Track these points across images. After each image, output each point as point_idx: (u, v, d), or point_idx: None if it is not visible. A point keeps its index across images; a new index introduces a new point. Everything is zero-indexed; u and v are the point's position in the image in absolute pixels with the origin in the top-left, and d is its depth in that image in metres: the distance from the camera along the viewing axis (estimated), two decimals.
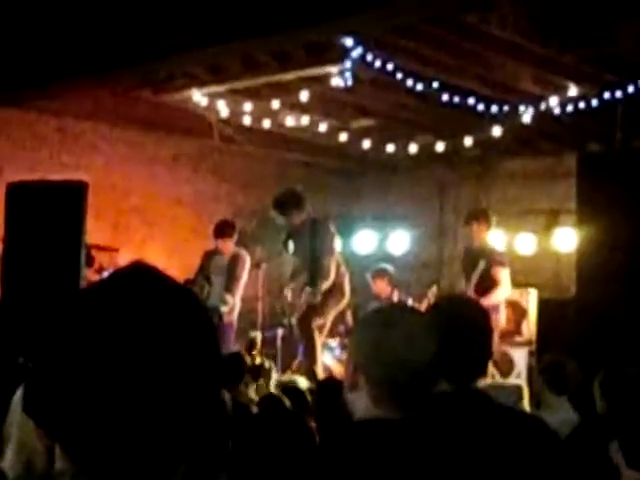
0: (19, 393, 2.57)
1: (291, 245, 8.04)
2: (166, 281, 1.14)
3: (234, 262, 8.48)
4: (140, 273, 1.14)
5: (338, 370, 8.61)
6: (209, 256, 8.63)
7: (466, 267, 8.23)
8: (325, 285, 7.58)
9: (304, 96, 8.52)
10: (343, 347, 9.39)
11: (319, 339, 7.79)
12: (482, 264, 8.01)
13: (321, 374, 7.46)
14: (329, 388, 5.15)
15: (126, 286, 1.12)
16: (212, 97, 8.89)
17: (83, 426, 1.06)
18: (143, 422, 1.06)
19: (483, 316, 2.56)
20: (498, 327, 7.60)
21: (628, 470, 3.05)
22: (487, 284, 7.96)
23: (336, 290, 7.73)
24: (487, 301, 7.72)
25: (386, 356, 2.05)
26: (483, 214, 8.33)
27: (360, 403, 2.09)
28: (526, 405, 5.03)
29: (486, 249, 8.18)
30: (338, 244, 8.04)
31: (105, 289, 1.13)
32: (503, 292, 8.04)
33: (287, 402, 4.13)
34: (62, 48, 7.47)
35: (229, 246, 8.54)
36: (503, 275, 8.02)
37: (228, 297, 8.30)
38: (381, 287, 9.43)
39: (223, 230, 8.57)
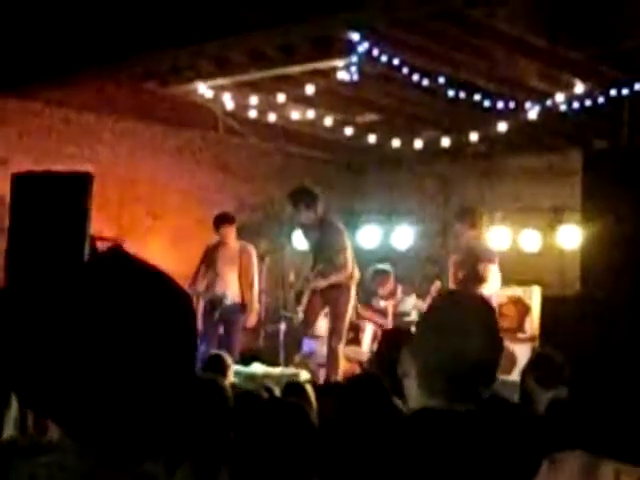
0: None
1: (304, 239, 8.16)
2: (141, 266, 1.20)
3: (246, 259, 8.56)
4: (116, 259, 1.20)
5: (345, 366, 8.60)
6: (215, 248, 8.67)
7: (458, 266, 8.17)
8: (338, 277, 7.87)
9: (310, 90, 8.50)
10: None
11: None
12: (469, 262, 7.99)
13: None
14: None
15: (103, 271, 1.18)
16: (217, 90, 8.88)
17: (65, 404, 1.14)
18: (117, 398, 1.13)
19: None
20: None
21: None
22: (474, 281, 7.90)
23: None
24: None
25: (442, 346, 2.14)
26: (469, 213, 8.32)
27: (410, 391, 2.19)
28: None
29: (475, 247, 8.12)
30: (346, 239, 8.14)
31: (82, 275, 1.19)
32: (489, 289, 7.88)
33: (265, 395, 4.12)
34: (67, 39, 7.47)
35: (233, 235, 8.62)
36: (491, 271, 7.93)
37: (255, 301, 8.44)
38: (387, 287, 9.49)
39: (225, 219, 8.65)
